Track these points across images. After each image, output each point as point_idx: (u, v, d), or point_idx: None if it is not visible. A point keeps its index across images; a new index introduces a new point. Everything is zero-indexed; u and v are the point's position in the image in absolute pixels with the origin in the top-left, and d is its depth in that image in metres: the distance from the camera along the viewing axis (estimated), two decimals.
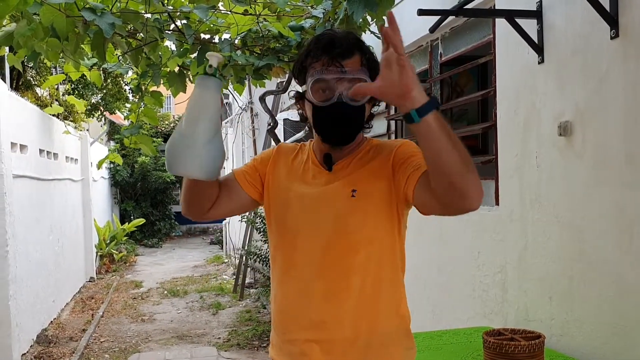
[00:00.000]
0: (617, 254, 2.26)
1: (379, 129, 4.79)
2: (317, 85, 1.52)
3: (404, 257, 1.66)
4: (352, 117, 1.55)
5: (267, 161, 1.70)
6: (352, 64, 1.51)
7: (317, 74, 1.51)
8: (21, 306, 5.30)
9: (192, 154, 1.44)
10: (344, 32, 1.56)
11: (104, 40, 3.11)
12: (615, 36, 2.24)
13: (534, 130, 2.79)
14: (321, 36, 1.55)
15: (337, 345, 1.56)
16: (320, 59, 1.52)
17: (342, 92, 1.50)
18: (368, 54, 1.55)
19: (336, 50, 1.50)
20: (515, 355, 2.18)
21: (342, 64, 1.50)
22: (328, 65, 1.50)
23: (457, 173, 1.29)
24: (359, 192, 1.55)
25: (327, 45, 1.51)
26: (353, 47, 1.52)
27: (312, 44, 1.56)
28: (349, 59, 1.51)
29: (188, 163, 1.45)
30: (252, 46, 4.05)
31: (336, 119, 1.54)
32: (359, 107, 1.54)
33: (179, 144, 1.45)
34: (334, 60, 1.50)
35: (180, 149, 1.45)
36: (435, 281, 3.74)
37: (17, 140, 5.65)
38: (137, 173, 14.21)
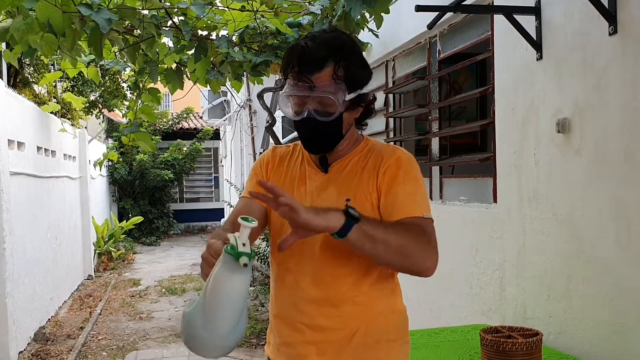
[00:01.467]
0: (615, 251, 2.25)
1: (377, 126, 4.78)
2: (287, 99, 1.57)
3: None
4: (324, 130, 1.56)
5: (267, 164, 1.72)
6: (322, 78, 1.50)
7: (287, 90, 1.54)
8: (18, 304, 5.29)
9: (213, 343, 1.33)
10: (319, 41, 1.53)
11: (101, 36, 3.10)
12: (614, 32, 2.23)
13: (532, 127, 2.78)
14: (294, 47, 1.55)
15: (333, 346, 1.58)
16: (292, 71, 1.53)
17: (309, 109, 1.52)
18: (344, 62, 1.52)
19: (305, 66, 1.50)
20: (513, 353, 2.17)
21: (311, 79, 1.49)
22: (298, 80, 1.51)
23: (397, 265, 1.51)
24: (352, 202, 1.55)
25: (298, 58, 1.51)
26: (324, 60, 1.50)
27: (287, 54, 1.57)
28: (319, 72, 1.49)
29: (207, 351, 1.36)
30: (250, 43, 4.04)
31: (309, 132, 1.57)
32: (330, 120, 1.53)
33: (199, 328, 1.31)
34: (302, 75, 1.50)
35: (201, 335, 1.32)
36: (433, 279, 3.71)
37: (15, 137, 5.63)
38: (136, 171, 14.18)
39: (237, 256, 1.26)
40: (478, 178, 3.43)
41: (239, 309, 1.33)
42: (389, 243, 1.39)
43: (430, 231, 1.51)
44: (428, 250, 1.46)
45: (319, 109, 1.52)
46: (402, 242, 1.41)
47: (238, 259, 1.26)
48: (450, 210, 3.56)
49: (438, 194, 3.84)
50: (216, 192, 17.04)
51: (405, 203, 1.53)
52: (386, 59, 4.59)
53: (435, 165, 3.89)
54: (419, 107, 4.05)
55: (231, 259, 1.27)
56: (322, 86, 1.49)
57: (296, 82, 1.51)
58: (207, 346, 1.34)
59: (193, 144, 15.18)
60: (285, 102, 1.59)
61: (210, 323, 1.31)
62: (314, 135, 1.56)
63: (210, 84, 4.30)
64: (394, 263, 1.48)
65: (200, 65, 3.80)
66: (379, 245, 1.38)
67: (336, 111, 1.52)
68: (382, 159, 1.59)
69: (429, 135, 3.95)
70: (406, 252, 1.43)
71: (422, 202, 1.55)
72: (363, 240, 1.36)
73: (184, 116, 15.92)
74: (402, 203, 1.52)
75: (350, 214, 1.34)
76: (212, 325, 1.31)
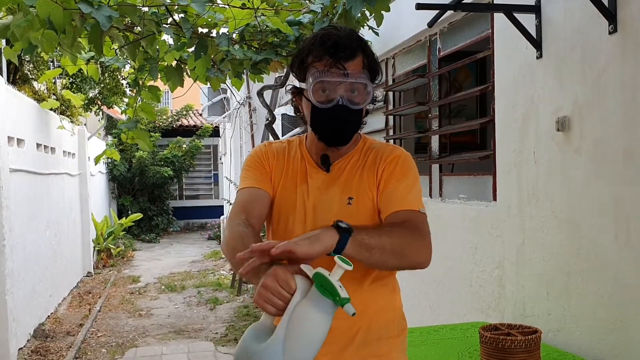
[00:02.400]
0: (614, 249, 2.26)
1: (377, 124, 4.79)
2: (319, 85, 1.52)
3: None
4: (351, 119, 1.56)
5: (268, 159, 1.68)
6: (355, 67, 1.51)
7: (319, 76, 1.50)
8: (18, 300, 5.29)
9: None
10: (347, 32, 1.55)
11: (101, 33, 3.10)
12: (614, 31, 2.24)
13: (532, 126, 2.79)
14: (326, 36, 1.53)
15: (336, 345, 1.58)
16: (322, 59, 1.51)
17: (342, 95, 1.51)
18: (370, 56, 1.55)
19: (340, 52, 1.49)
20: (512, 350, 2.18)
21: (345, 67, 1.49)
22: (330, 67, 1.49)
23: (394, 266, 1.52)
24: (355, 200, 1.57)
25: (332, 47, 1.50)
26: (356, 49, 1.52)
27: (317, 42, 1.54)
28: (352, 61, 1.50)
29: None
30: (250, 40, 4.04)
31: (335, 121, 1.54)
32: (358, 110, 1.55)
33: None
34: (337, 62, 1.49)
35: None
36: (433, 277, 3.74)
37: (14, 134, 5.63)
38: (135, 168, 14.17)
39: (340, 303, 1.21)
40: (478, 176, 3.44)
41: (321, 346, 1.27)
42: (385, 247, 1.39)
43: (424, 226, 1.52)
44: (423, 246, 1.47)
45: (350, 97, 1.52)
46: (396, 243, 1.42)
47: (341, 305, 1.21)
48: (450, 208, 3.57)
49: (438, 191, 3.85)
50: (216, 189, 17.03)
51: (401, 197, 1.55)
52: (386, 57, 4.59)
53: (435, 163, 3.90)
54: (419, 105, 4.06)
55: (328, 302, 1.21)
56: (355, 74, 1.50)
57: (328, 68, 1.49)
58: None
59: (192, 141, 15.17)
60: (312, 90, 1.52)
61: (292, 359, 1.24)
62: (342, 124, 1.55)
63: (210, 81, 4.30)
64: (391, 265, 1.48)
65: (200, 63, 3.80)
66: (376, 251, 1.38)
67: (366, 100, 1.53)
68: (382, 157, 1.60)
69: (429, 133, 3.95)
70: (402, 252, 1.43)
71: (417, 197, 1.58)
72: (360, 249, 1.35)
73: (183, 113, 15.91)
74: (398, 196, 1.55)
75: (341, 227, 1.33)
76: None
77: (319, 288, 1.20)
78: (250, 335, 1.31)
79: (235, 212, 1.59)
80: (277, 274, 1.25)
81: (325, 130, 1.58)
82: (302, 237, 1.31)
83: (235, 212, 1.59)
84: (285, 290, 1.24)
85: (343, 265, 1.22)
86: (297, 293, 1.23)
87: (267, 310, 1.26)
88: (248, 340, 1.29)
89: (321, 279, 1.21)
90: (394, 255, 1.42)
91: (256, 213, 1.59)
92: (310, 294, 1.22)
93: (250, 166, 1.68)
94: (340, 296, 1.20)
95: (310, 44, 1.56)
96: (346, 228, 1.33)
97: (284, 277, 1.25)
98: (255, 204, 1.61)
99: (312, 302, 1.21)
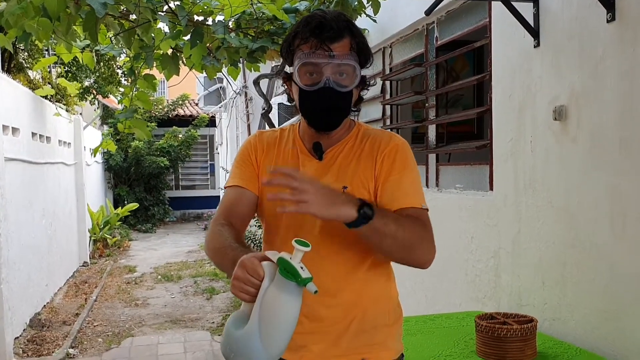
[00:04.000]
0: (610, 239, 2.26)
1: (374, 114, 4.77)
2: (305, 68, 1.49)
3: None
4: (339, 102, 1.53)
5: (255, 150, 1.66)
6: (341, 48, 1.48)
7: (304, 57, 1.48)
8: (13, 290, 5.28)
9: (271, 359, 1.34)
10: (334, 14, 1.52)
11: (96, 21, 3.07)
12: (612, 20, 2.22)
13: (529, 115, 2.78)
14: (310, 17, 1.51)
15: (331, 334, 1.57)
16: (308, 41, 1.48)
17: (329, 77, 1.48)
18: (358, 37, 1.52)
19: (325, 33, 1.46)
20: (508, 339, 2.19)
21: (331, 48, 1.46)
22: (316, 49, 1.46)
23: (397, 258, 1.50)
24: (349, 189, 1.54)
25: (316, 27, 1.47)
26: (343, 30, 1.48)
27: (301, 24, 1.52)
28: (338, 42, 1.47)
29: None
30: (247, 28, 4.02)
31: (323, 104, 1.51)
32: (346, 92, 1.51)
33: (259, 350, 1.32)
34: (322, 44, 1.46)
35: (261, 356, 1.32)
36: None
37: (9, 123, 5.60)
38: (131, 158, 14.14)
39: (302, 283, 1.26)
40: (474, 166, 3.43)
41: (295, 326, 1.34)
42: (397, 237, 1.40)
43: (429, 224, 1.51)
44: (430, 246, 1.48)
45: (337, 79, 1.49)
46: (408, 237, 1.42)
47: (304, 285, 1.27)
48: (447, 197, 3.57)
49: (434, 181, 3.85)
50: (212, 179, 17.01)
51: (405, 193, 1.52)
52: (383, 46, 4.57)
53: (431, 153, 3.89)
54: (416, 94, 4.04)
55: (291, 284, 1.26)
56: (342, 55, 1.47)
57: (313, 50, 1.46)
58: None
59: (189, 131, 15.13)
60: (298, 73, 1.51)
61: (269, 344, 1.32)
62: (329, 106, 1.52)
63: (206, 70, 4.27)
64: (396, 257, 1.49)
65: (196, 51, 3.77)
66: (387, 239, 1.39)
67: (354, 82, 1.50)
68: (379, 147, 1.57)
69: (426, 122, 3.94)
70: (411, 248, 1.44)
71: (420, 192, 1.56)
72: (372, 234, 1.37)
73: (179, 103, 15.86)
74: (402, 192, 1.52)
75: (364, 213, 1.34)
76: (271, 346, 1.32)
77: (282, 272, 1.26)
78: (232, 323, 1.38)
79: (219, 212, 1.61)
80: (245, 263, 1.30)
81: (313, 113, 1.55)
82: (328, 193, 1.33)
83: (218, 212, 1.62)
84: (254, 278, 1.29)
85: (301, 248, 1.27)
86: (266, 279, 1.29)
87: (242, 298, 1.32)
88: (229, 327, 1.37)
89: (284, 263, 1.27)
90: (403, 249, 1.43)
91: (239, 214, 1.60)
92: (276, 279, 1.28)
93: (239, 161, 1.68)
94: (302, 277, 1.25)
95: (296, 27, 1.54)
96: (368, 215, 1.34)
97: (252, 266, 1.29)
98: (239, 204, 1.60)
99: (278, 286, 1.27)
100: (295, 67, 1.50)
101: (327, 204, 1.32)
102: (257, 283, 1.29)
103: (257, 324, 1.31)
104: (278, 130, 1.73)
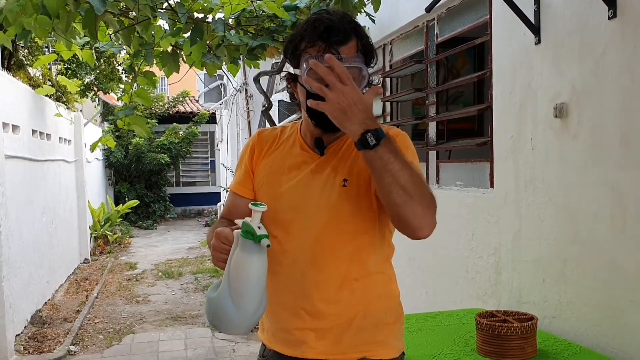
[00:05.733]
0: (610, 236, 2.26)
1: (374, 110, 4.75)
2: (313, 72, 1.46)
3: (392, 242, 1.67)
4: None
5: (253, 153, 1.68)
6: (349, 51, 1.48)
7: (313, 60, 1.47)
8: (14, 287, 5.29)
9: (245, 321, 1.45)
10: (340, 15, 1.52)
11: (96, 18, 3.06)
12: (613, 16, 2.22)
13: (529, 112, 2.77)
14: (318, 21, 1.50)
15: (332, 331, 1.57)
16: (316, 44, 1.48)
17: None
18: (364, 39, 1.53)
19: (333, 37, 1.46)
20: (508, 337, 2.19)
21: (339, 51, 1.46)
22: (324, 52, 1.46)
23: (396, 204, 1.39)
24: (350, 182, 1.54)
25: (325, 31, 1.47)
26: (350, 32, 1.49)
27: (309, 27, 1.51)
28: (346, 45, 1.47)
29: (239, 328, 1.48)
30: (247, 26, 4.01)
31: None
32: None
33: (231, 311, 1.43)
34: (330, 48, 1.46)
35: (233, 316, 1.43)
36: (430, 263, 3.75)
37: (9, 120, 5.60)
38: (132, 154, 14.13)
39: (257, 240, 1.36)
40: (475, 163, 3.43)
41: (263, 286, 1.43)
42: (398, 178, 1.34)
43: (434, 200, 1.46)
44: (429, 212, 1.41)
45: None
46: (410, 185, 1.35)
47: (259, 241, 1.36)
48: (447, 194, 3.56)
49: (435, 178, 3.84)
50: (212, 176, 17.01)
51: None
52: (384, 43, 4.56)
53: (432, 150, 3.88)
54: (416, 91, 4.04)
55: (250, 243, 1.37)
56: (349, 58, 1.46)
57: (321, 54, 1.45)
58: (239, 325, 1.46)
59: (189, 128, 15.12)
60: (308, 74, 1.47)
61: (240, 304, 1.41)
62: None
63: (206, 67, 4.26)
64: (395, 198, 1.37)
65: (196, 49, 3.76)
66: (388, 175, 1.35)
67: (362, 84, 1.49)
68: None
69: (426, 119, 3.94)
70: (410, 197, 1.36)
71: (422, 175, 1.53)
72: (373, 161, 1.34)
73: (180, 99, 15.85)
74: None
75: (365, 139, 1.31)
76: (242, 306, 1.41)
77: (243, 233, 1.37)
78: (211, 288, 1.51)
79: (221, 214, 1.72)
80: (219, 233, 1.43)
81: (320, 117, 1.53)
82: (349, 100, 1.32)
83: (221, 214, 1.72)
84: (226, 245, 1.42)
85: (257, 208, 1.40)
86: (234, 244, 1.41)
87: (220, 266, 1.45)
88: (208, 292, 1.50)
89: (245, 225, 1.38)
90: (403, 194, 1.35)
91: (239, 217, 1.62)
92: (240, 241, 1.38)
93: (238, 165, 1.73)
94: (257, 234, 1.36)
95: (302, 30, 1.53)
96: (368, 142, 1.31)
97: (223, 234, 1.43)
98: (237, 209, 1.64)
99: (241, 247, 1.38)
100: (303, 71, 1.49)
101: (340, 111, 1.33)
102: (228, 248, 1.41)
103: (227, 285, 1.42)
104: (279, 128, 1.73)
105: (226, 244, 1.43)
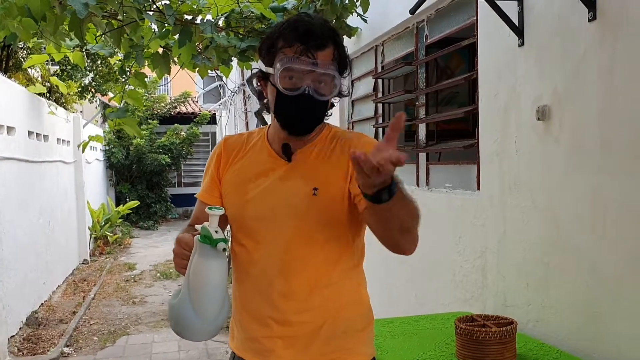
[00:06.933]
0: (591, 240, 2.24)
1: (366, 112, 4.75)
2: (286, 72, 1.47)
3: (364, 248, 1.65)
4: (316, 110, 1.52)
5: (220, 161, 1.67)
6: (325, 57, 1.47)
7: (288, 62, 1.46)
8: (9, 289, 5.30)
9: (206, 328, 1.45)
10: (320, 21, 1.52)
11: (81, 21, 3.06)
12: (593, 18, 2.20)
13: (513, 115, 2.75)
14: (298, 22, 1.50)
15: (301, 339, 1.55)
16: (293, 45, 1.47)
17: (309, 85, 1.47)
18: (341, 48, 1.52)
19: (312, 41, 1.45)
20: (486, 342, 2.17)
21: (315, 56, 1.45)
22: (300, 54, 1.45)
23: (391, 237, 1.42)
24: (320, 191, 1.52)
25: (304, 34, 1.46)
26: (328, 39, 1.49)
27: (287, 27, 1.50)
28: (322, 51, 1.47)
29: (201, 335, 1.48)
30: (236, 27, 3.99)
31: (300, 110, 1.50)
32: (323, 101, 1.51)
33: (191, 317, 1.42)
34: (307, 51, 1.45)
35: (193, 322, 1.43)
36: (418, 266, 3.72)
37: (4, 122, 5.60)
38: (133, 155, 14.15)
39: (214, 244, 1.36)
40: (463, 165, 3.41)
41: (223, 292, 1.43)
42: (403, 221, 1.37)
43: None
44: (416, 234, 1.44)
45: (317, 87, 1.48)
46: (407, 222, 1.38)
47: (215, 245, 1.36)
48: (436, 196, 3.54)
49: (424, 180, 3.82)
50: None
51: None
52: (375, 44, 4.55)
53: (421, 152, 3.86)
54: (407, 93, 4.02)
55: (208, 248, 1.36)
56: (325, 65, 1.46)
57: (297, 56, 1.45)
58: (201, 331, 1.45)
59: (190, 129, 15.13)
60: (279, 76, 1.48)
61: (200, 310, 1.41)
62: (306, 113, 1.51)
63: (198, 68, 4.25)
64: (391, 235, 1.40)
65: (185, 50, 3.75)
66: (395, 220, 1.35)
67: (332, 92, 1.50)
68: (350, 145, 1.55)
69: (416, 121, 3.91)
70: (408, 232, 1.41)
71: None
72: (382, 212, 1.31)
73: (181, 100, 15.86)
74: None
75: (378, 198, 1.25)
76: (202, 312, 1.41)
77: (201, 238, 1.37)
78: (173, 295, 1.50)
79: (189, 223, 1.70)
80: (179, 239, 1.45)
81: (288, 117, 1.54)
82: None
83: (189, 223, 1.70)
84: (186, 250, 1.43)
85: (213, 212, 1.39)
86: (194, 250, 1.40)
87: (182, 272, 1.45)
88: (171, 299, 1.49)
89: (202, 229, 1.38)
90: (401, 228, 1.38)
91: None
92: (199, 246, 1.38)
93: (207, 170, 1.71)
94: (213, 238, 1.36)
95: (281, 28, 1.52)
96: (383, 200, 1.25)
97: (184, 240, 1.44)
98: (203, 218, 1.58)
99: (200, 252, 1.38)
100: (277, 70, 1.48)
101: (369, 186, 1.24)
102: (189, 254, 1.42)
103: (187, 291, 1.41)
104: (245, 134, 1.72)
105: (187, 250, 1.43)
